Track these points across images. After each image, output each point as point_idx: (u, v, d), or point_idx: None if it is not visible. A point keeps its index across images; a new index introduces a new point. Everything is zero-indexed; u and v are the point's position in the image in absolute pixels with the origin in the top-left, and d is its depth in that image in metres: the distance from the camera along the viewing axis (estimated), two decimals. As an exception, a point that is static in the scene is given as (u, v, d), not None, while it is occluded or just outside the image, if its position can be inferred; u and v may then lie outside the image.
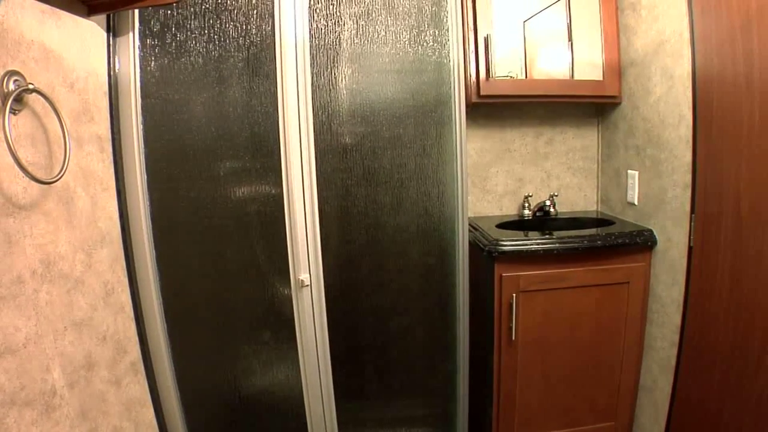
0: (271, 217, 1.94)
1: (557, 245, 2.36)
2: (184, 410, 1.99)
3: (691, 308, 2.22)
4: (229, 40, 1.84)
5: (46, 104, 1.31)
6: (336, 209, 2.06)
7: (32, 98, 1.28)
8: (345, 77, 1.99)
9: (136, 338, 1.79)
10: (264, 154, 1.91)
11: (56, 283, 1.35)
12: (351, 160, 2.05)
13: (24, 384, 1.21)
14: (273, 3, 1.83)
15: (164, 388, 1.92)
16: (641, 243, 2.43)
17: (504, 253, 2.33)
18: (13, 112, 1.22)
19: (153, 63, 1.79)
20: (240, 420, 2.16)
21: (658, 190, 2.44)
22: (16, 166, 1.17)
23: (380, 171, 2.08)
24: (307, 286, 1.95)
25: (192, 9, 1.80)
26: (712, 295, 2.09)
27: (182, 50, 1.81)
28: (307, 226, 1.92)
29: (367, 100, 2.04)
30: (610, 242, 2.39)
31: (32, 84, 1.24)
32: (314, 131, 1.90)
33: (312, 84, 1.88)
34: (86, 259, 1.50)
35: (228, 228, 1.99)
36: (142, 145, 1.77)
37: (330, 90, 1.96)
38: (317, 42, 1.92)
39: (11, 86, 1.19)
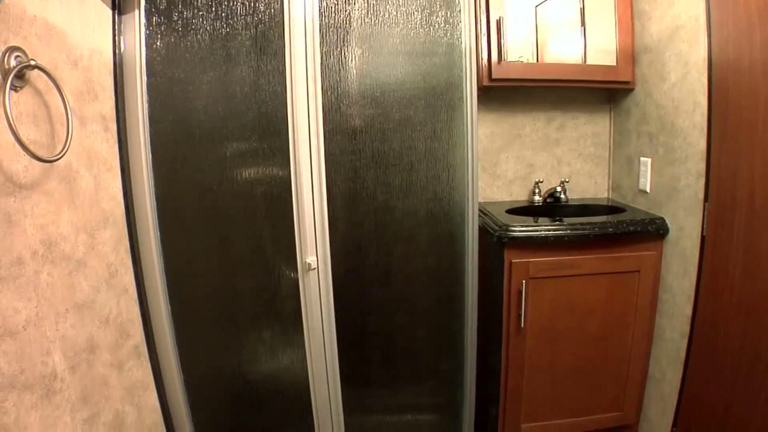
0: (278, 199, 1.91)
1: (568, 232, 2.33)
2: (188, 394, 1.98)
3: (702, 299, 2.19)
4: (237, 18, 1.80)
5: (49, 81, 1.29)
6: (344, 191, 2.03)
7: (34, 75, 1.26)
8: (355, 57, 1.96)
9: (140, 321, 1.78)
10: (271, 134, 1.88)
11: (58, 265, 1.33)
12: (360, 142, 2.02)
13: (24, 367, 1.19)
14: (282, -20, 1.80)
15: (168, 372, 1.91)
16: (653, 231, 2.40)
17: (514, 238, 2.30)
18: (15, 88, 1.20)
19: (159, 41, 1.76)
20: (245, 404, 2.15)
21: (670, 178, 2.40)
22: (16, 144, 1.14)
23: (390, 153, 2.05)
24: (314, 269, 1.93)
25: (199, -15, 1.77)
26: (724, 287, 2.06)
27: (189, 28, 1.78)
28: (314, 208, 1.89)
29: (377, 81, 2.01)
30: (621, 230, 2.36)
31: (34, 60, 1.21)
32: (323, 111, 1.86)
33: (321, 63, 1.84)
34: (89, 240, 1.47)
35: (234, 209, 1.97)
36: (148, 125, 1.74)
37: (339, 70, 1.92)
38: (327, 20, 1.88)
39: (13, 62, 1.17)
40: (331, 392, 2.07)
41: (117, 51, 1.67)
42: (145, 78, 1.73)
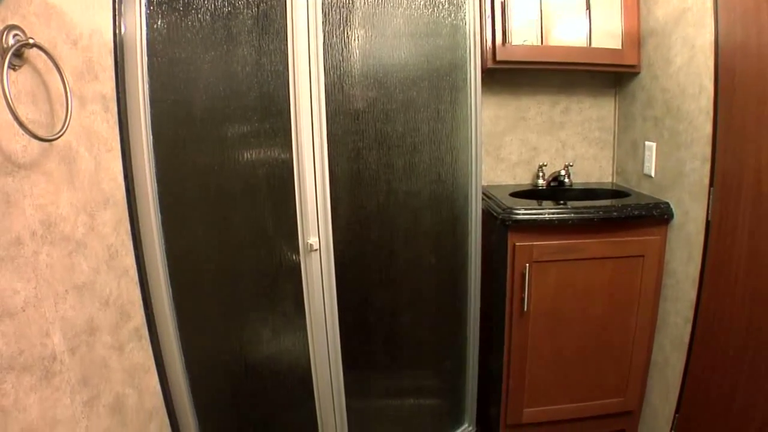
0: (279, 179, 1.90)
1: (572, 215, 2.32)
2: (189, 377, 1.97)
3: (707, 285, 2.18)
4: (239, -4, 1.79)
5: (48, 61, 1.27)
6: (347, 172, 2.02)
7: (33, 54, 1.24)
8: (358, 37, 1.94)
9: (141, 303, 1.76)
10: (273, 114, 1.86)
11: (57, 245, 1.32)
12: (363, 122, 2.00)
13: (23, 348, 1.18)
14: (284, -42, 1.77)
15: (169, 355, 1.90)
16: (657, 216, 2.38)
17: (518, 221, 2.29)
18: (13, 67, 1.18)
19: (160, 20, 1.73)
20: (246, 387, 2.14)
21: (676, 162, 2.39)
22: (15, 124, 1.13)
23: (393, 134, 2.05)
24: (316, 250, 1.91)
25: (200, -36, 1.75)
26: (729, 272, 2.05)
27: (190, 7, 1.75)
28: (316, 189, 1.88)
29: (380, 62, 1.99)
30: (626, 214, 2.35)
31: (33, 39, 1.19)
32: (325, 91, 1.85)
33: (324, 43, 1.82)
34: (89, 221, 1.46)
35: (235, 190, 1.95)
36: (148, 106, 1.72)
37: (342, 50, 1.90)
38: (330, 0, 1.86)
39: (11, 41, 1.15)
40: (332, 375, 2.06)
41: (117, 31, 1.65)
42: (145, 58, 1.71)
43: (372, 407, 2.37)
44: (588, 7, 2.68)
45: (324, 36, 1.83)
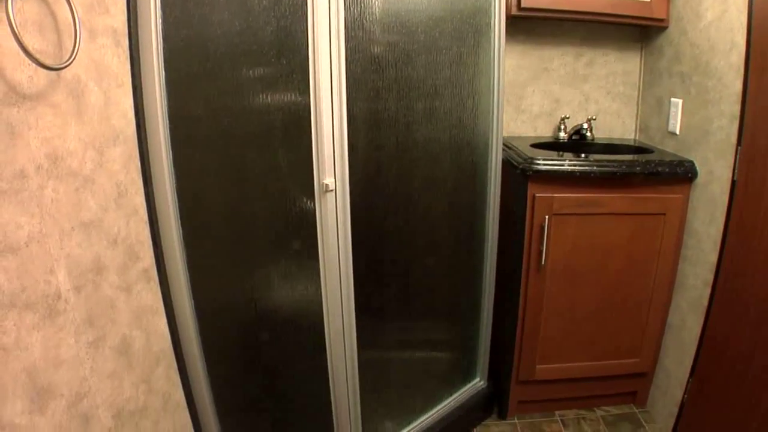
0: (296, 117, 1.84)
1: (594, 168, 2.28)
2: (198, 321, 1.94)
3: (729, 247, 2.14)
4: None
5: (56, -11, 1.21)
6: (365, 112, 1.96)
7: (40, -19, 1.19)
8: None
9: (150, 243, 1.73)
10: (291, 50, 1.80)
11: (63, 181, 1.28)
12: (383, 61, 1.94)
13: (25, 285, 1.15)
14: None
15: (178, 297, 1.87)
16: (681, 174, 2.33)
17: (538, 172, 2.25)
18: (19, -7, 1.13)
19: (173, -49, 1.67)
20: (256, 333, 2.12)
21: (702, 119, 2.33)
22: (21, 52, 1.08)
23: (413, 75, 2.00)
24: (332, 191, 1.86)
25: None
26: (753, 235, 2.00)
27: (205, -63, 1.70)
28: (333, 127, 1.82)
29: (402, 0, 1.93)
30: (649, 170, 2.30)
31: (39, -37, 1.14)
32: (345, 27, 1.77)
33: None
34: (97, 157, 1.42)
35: (249, 128, 1.90)
36: (161, 41, 1.66)
37: (363, -16, 1.84)
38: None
39: (17, -35, 1.10)
40: (345, 324, 2.03)
41: (129, -38, 1.59)
42: (158, -10, 1.65)
43: (383, 359, 2.35)
44: (616, -42, 2.61)
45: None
